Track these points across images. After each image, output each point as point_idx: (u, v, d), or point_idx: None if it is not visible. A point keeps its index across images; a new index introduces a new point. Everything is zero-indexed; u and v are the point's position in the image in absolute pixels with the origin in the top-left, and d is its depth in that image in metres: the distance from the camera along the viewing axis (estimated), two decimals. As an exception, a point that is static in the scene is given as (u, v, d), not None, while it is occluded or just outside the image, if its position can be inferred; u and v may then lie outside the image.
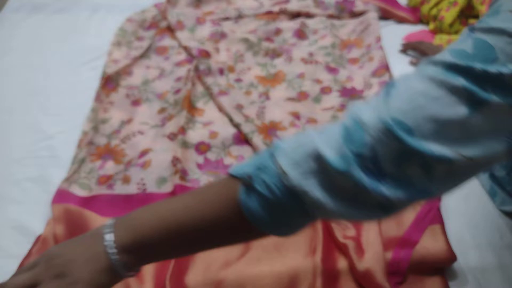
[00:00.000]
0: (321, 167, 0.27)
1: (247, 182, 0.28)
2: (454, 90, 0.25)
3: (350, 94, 0.73)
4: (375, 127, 0.26)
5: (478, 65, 0.25)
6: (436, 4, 0.90)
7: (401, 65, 0.80)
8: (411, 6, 0.96)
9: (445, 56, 0.27)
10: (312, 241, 0.51)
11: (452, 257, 0.50)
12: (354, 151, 0.26)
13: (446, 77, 0.25)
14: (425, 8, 0.91)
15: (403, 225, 0.51)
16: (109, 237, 0.30)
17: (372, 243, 0.49)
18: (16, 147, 0.64)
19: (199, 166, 0.60)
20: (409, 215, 0.52)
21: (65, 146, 0.64)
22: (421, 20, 0.92)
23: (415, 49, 0.81)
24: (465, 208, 0.57)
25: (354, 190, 0.27)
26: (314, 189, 0.27)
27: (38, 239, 0.52)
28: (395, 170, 0.26)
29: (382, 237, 0.50)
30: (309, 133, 0.29)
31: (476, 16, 0.86)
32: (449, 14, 0.86)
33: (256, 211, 0.28)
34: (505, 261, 0.52)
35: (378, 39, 0.82)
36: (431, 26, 0.89)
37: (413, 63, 0.80)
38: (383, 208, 0.28)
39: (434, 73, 0.26)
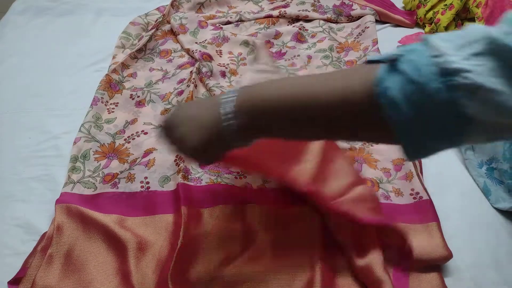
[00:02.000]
0: (491, 48, 0.20)
1: (391, 61, 0.22)
2: None
3: None
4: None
5: None
6: (432, 7, 0.91)
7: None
8: (407, 9, 0.97)
9: None
10: (310, 239, 0.52)
11: (448, 254, 0.50)
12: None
13: None
14: (421, 11, 0.92)
15: None
16: (230, 99, 0.28)
17: (370, 241, 0.50)
18: (21, 147, 0.65)
19: (201, 165, 0.61)
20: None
21: (70, 146, 0.64)
22: (417, 23, 0.93)
23: None
24: (460, 206, 0.58)
25: None
26: (481, 73, 0.20)
27: (43, 236, 0.53)
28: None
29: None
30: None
31: (472, 19, 0.87)
32: (444, 17, 0.87)
33: (395, 95, 0.22)
34: (501, 258, 0.52)
35: (375, 42, 0.83)
36: (427, 29, 0.90)
37: None
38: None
39: None
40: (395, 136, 0.23)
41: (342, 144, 0.65)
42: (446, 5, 0.88)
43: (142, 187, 0.58)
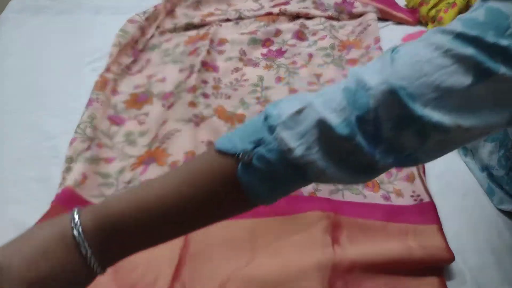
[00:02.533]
0: (324, 134, 0.26)
1: (244, 160, 0.26)
2: (462, 59, 0.25)
3: None
4: (380, 90, 0.26)
5: (490, 36, 0.24)
6: (435, 5, 0.90)
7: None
8: (409, 7, 0.96)
9: (455, 25, 0.26)
10: (319, 244, 0.51)
11: (450, 256, 0.50)
12: (357, 115, 0.26)
13: (454, 45, 0.25)
14: (423, 9, 0.91)
15: None
16: (77, 220, 0.24)
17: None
18: (18, 147, 0.65)
19: None
20: None
21: (67, 147, 0.64)
22: (419, 21, 0.93)
23: None
24: (463, 207, 0.58)
25: (350, 153, 0.27)
26: (318, 159, 0.26)
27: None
28: (393, 135, 0.26)
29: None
30: (305, 97, 0.28)
31: (475, 17, 0.86)
32: (447, 15, 0.86)
33: (255, 186, 0.27)
34: (504, 260, 0.52)
35: (377, 40, 0.82)
36: (430, 27, 0.90)
37: None
38: (367, 172, 0.28)
39: (442, 41, 0.25)
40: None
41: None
42: (449, 3, 0.88)
43: None
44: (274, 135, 0.27)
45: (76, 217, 0.24)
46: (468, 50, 0.25)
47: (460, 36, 0.25)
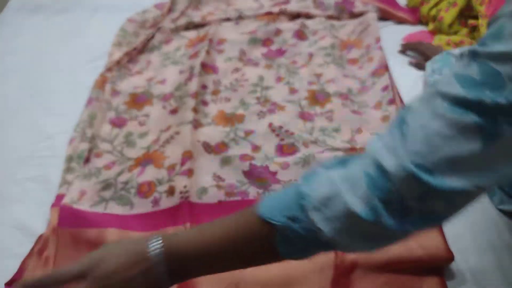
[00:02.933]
0: (352, 222, 0.29)
1: (281, 232, 0.31)
2: (467, 128, 0.26)
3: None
4: (398, 176, 0.27)
5: (488, 97, 0.25)
6: (436, 5, 0.90)
7: (400, 66, 0.81)
8: (410, 6, 0.96)
9: (452, 85, 0.27)
10: None
11: (449, 256, 0.50)
12: (381, 198, 0.28)
13: (456, 114, 0.26)
14: (424, 9, 0.91)
15: None
16: (157, 252, 0.32)
17: None
18: (17, 147, 0.65)
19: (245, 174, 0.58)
20: None
21: (66, 147, 0.64)
22: (420, 21, 0.92)
23: (414, 50, 0.81)
24: (463, 207, 0.58)
25: (377, 233, 0.30)
26: (345, 240, 0.30)
27: (39, 238, 0.53)
28: (420, 205, 0.28)
29: None
30: (333, 180, 0.30)
31: (476, 17, 0.86)
32: (448, 15, 0.86)
33: (290, 252, 0.32)
34: (504, 260, 0.52)
35: (378, 40, 0.82)
36: (431, 26, 0.90)
37: (412, 64, 0.80)
38: (392, 242, 0.31)
39: (444, 110, 0.27)
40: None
41: (344, 144, 0.65)
42: (449, 2, 0.87)
43: (181, 197, 0.55)
44: (305, 215, 0.30)
45: (157, 245, 0.33)
46: (470, 117, 0.25)
47: (459, 103, 0.26)
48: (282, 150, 0.63)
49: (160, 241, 0.33)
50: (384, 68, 0.77)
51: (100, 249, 0.34)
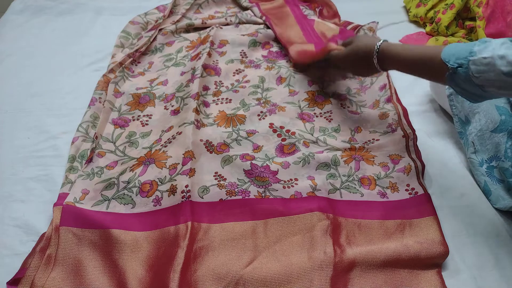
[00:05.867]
0: (496, 77, 0.44)
1: (450, 72, 0.48)
2: None
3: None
4: None
5: None
6: (433, 7, 0.91)
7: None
8: (408, 8, 0.97)
9: None
10: (314, 240, 0.52)
11: (445, 249, 0.51)
12: None
13: None
14: (421, 10, 0.92)
15: None
16: (378, 45, 0.59)
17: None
18: (20, 147, 0.65)
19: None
20: None
21: (68, 146, 0.64)
22: (417, 22, 0.93)
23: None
24: (461, 206, 0.58)
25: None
26: (489, 86, 0.46)
27: (42, 237, 0.53)
28: None
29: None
30: (496, 49, 0.44)
31: (473, 18, 0.87)
32: (445, 17, 0.87)
33: (453, 84, 0.50)
34: (501, 258, 0.52)
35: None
36: (428, 28, 0.90)
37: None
38: None
39: None
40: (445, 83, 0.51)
41: (344, 144, 0.65)
42: (447, 4, 0.88)
43: (183, 197, 0.55)
44: (467, 65, 0.46)
45: (378, 44, 0.59)
46: None
47: None
48: (282, 150, 0.64)
49: (382, 41, 0.59)
50: None
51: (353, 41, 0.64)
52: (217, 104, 0.72)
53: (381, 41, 0.59)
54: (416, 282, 0.50)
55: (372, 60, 0.59)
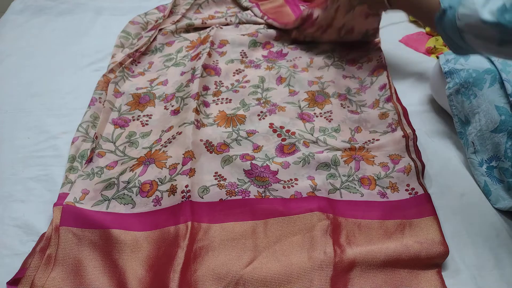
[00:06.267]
0: (475, 26, 0.47)
1: (440, 12, 0.51)
2: None
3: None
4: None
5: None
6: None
7: (398, 66, 0.82)
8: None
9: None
10: (314, 240, 0.52)
11: (445, 249, 0.51)
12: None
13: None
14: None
15: None
16: None
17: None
18: (20, 147, 0.65)
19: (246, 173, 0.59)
20: None
21: (68, 146, 0.64)
22: (417, 22, 0.93)
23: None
24: (461, 206, 0.58)
25: (490, 35, 0.46)
26: (467, 34, 0.48)
27: (42, 237, 0.53)
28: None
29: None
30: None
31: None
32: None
33: (440, 27, 0.52)
34: (502, 258, 0.52)
35: (377, 42, 0.83)
36: (428, 28, 0.90)
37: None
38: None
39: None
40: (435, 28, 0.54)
41: (344, 144, 0.65)
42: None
43: (183, 197, 0.55)
44: (456, 7, 0.48)
45: None
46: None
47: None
48: (282, 150, 0.64)
49: None
50: (382, 67, 0.78)
51: None
52: (217, 104, 0.72)
53: None
54: (416, 282, 0.50)
55: None
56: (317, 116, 0.70)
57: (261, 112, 0.70)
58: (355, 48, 0.84)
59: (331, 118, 0.70)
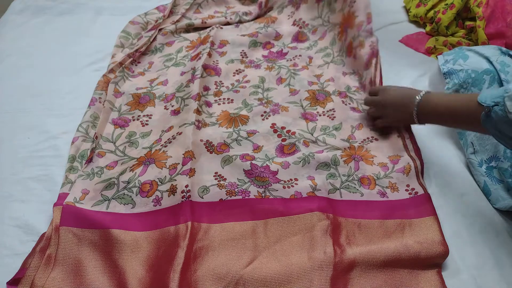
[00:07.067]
0: None
1: (486, 111, 0.48)
2: None
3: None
4: None
5: None
6: (433, 7, 0.91)
7: (399, 66, 0.82)
8: (407, 8, 0.97)
9: None
10: (314, 240, 0.52)
11: (445, 249, 0.51)
12: None
13: None
14: (421, 10, 0.92)
15: None
16: (418, 99, 0.58)
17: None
18: (20, 147, 0.65)
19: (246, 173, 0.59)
20: None
21: (68, 146, 0.64)
22: (417, 22, 0.93)
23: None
24: (461, 206, 0.58)
25: None
26: None
27: (42, 237, 0.53)
28: None
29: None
30: None
31: (473, 18, 0.87)
32: (445, 17, 0.87)
33: (489, 127, 0.49)
34: (501, 258, 0.53)
35: (369, 18, 0.79)
36: (428, 28, 0.90)
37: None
38: None
39: None
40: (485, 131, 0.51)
41: (343, 143, 0.65)
42: (447, 4, 0.88)
43: (183, 197, 0.55)
44: (504, 102, 0.46)
45: (418, 98, 0.58)
46: None
47: None
48: (282, 150, 0.64)
49: (423, 94, 0.58)
50: (374, 55, 0.75)
51: (385, 100, 0.64)
52: (219, 104, 0.72)
53: (422, 95, 0.57)
54: (416, 282, 0.50)
55: (412, 114, 0.58)
56: (320, 115, 0.70)
57: (265, 112, 0.70)
58: (349, 25, 0.81)
59: (334, 116, 0.70)
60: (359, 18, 0.79)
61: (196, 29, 0.90)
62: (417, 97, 0.58)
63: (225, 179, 0.59)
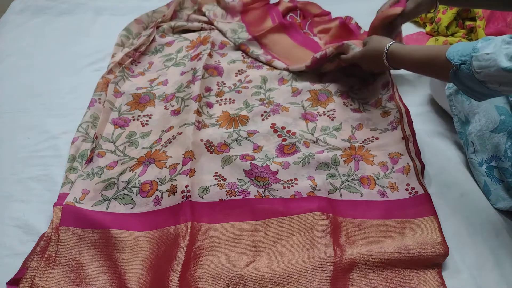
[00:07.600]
0: (497, 73, 0.45)
1: (453, 69, 0.50)
2: None
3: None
4: None
5: None
6: (433, 7, 0.91)
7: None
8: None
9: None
10: (314, 240, 0.52)
11: (445, 249, 0.51)
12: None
13: None
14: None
15: None
16: (385, 50, 0.63)
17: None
18: (20, 147, 0.65)
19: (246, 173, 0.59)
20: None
21: (68, 146, 0.64)
22: (417, 22, 0.93)
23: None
24: (461, 206, 0.58)
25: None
26: (489, 81, 0.47)
27: (42, 237, 0.53)
28: None
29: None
30: (497, 46, 0.46)
31: (473, 18, 0.87)
32: (445, 17, 0.87)
33: (457, 82, 0.50)
34: (501, 258, 0.53)
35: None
36: (428, 28, 0.90)
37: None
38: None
39: None
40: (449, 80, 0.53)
41: (344, 143, 0.65)
42: (447, 4, 0.88)
43: (183, 197, 0.55)
44: (470, 61, 0.47)
45: (387, 48, 0.63)
46: None
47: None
48: (282, 150, 0.64)
49: (391, 44, 0.62)
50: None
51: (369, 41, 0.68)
52: (220, 104, 0.72)
53: (391, 43, 0.62)
54: (416, 282, 0.50)
55: (383, 60, 0.63)
56: (320, 115, 0.70)
57: (265, 112, 0.70)
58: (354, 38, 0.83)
59: (334, 117, 0.70)
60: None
61: (194, 30, 0.90)
62: (386, 45, 0.63)
63: (225, 179, 0.59)
